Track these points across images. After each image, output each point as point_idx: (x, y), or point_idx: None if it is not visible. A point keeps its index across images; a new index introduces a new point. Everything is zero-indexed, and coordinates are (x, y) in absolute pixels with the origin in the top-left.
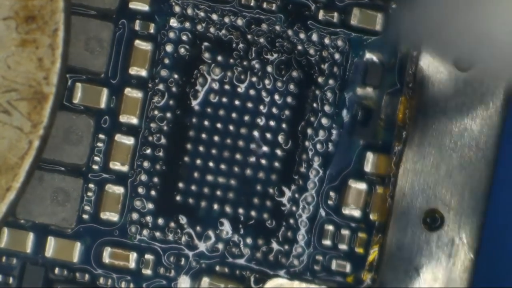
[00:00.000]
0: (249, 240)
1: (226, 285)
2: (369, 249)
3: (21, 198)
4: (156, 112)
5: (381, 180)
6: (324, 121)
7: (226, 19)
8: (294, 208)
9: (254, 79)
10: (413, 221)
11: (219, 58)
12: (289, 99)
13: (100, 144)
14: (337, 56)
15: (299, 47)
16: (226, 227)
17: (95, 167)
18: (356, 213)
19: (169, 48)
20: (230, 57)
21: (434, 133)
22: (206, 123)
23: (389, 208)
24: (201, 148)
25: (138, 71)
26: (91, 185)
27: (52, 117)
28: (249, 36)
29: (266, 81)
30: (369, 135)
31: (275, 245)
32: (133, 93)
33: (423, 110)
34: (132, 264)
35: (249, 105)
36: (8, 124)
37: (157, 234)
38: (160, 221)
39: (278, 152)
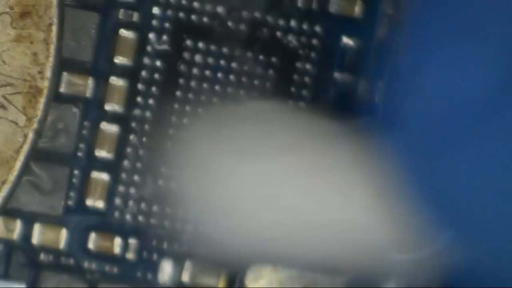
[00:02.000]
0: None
1: (209, 268)
2: None
3: (15, 190)
4: (140, 100)
5: None
6: (302, 105)
7: (207, 7)
8: None
9: (233, 65)
10: None
11: (200, 45)
12: (268, 84)
13: (85, 132)
14: (315, 42)
15: (278, 34)
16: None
17: (81, 154)
18: None
19: (152, 36)
20: (211, 44)
21: None
22: (188, 108)
23: None
24: (183, 134)
25: (123, 59)
26: (77, 172)
27: (46, 110)
28: (229, 23)
29: (246, 67)
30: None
31: None
32: (118, 81)
33: None
34: (116, 249)
35: (230, 90)
36: (4, 118)
37: (140, 218)
38: (143, 205)
39: None
